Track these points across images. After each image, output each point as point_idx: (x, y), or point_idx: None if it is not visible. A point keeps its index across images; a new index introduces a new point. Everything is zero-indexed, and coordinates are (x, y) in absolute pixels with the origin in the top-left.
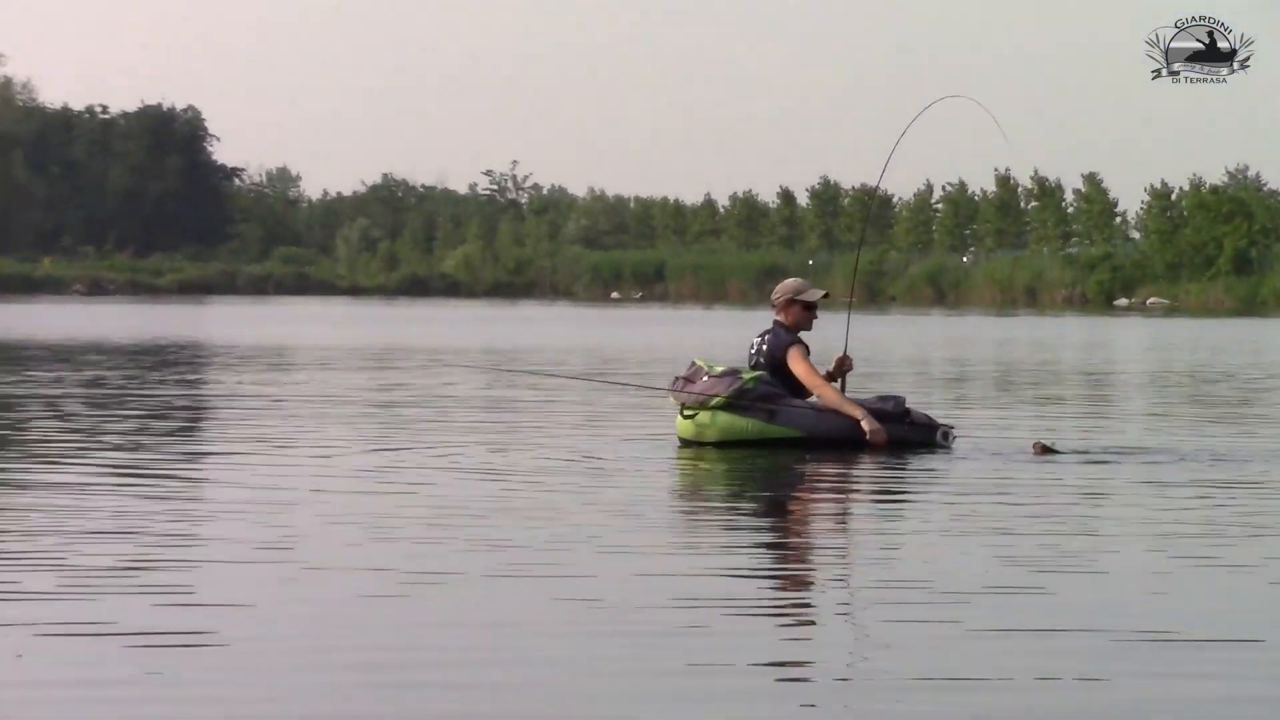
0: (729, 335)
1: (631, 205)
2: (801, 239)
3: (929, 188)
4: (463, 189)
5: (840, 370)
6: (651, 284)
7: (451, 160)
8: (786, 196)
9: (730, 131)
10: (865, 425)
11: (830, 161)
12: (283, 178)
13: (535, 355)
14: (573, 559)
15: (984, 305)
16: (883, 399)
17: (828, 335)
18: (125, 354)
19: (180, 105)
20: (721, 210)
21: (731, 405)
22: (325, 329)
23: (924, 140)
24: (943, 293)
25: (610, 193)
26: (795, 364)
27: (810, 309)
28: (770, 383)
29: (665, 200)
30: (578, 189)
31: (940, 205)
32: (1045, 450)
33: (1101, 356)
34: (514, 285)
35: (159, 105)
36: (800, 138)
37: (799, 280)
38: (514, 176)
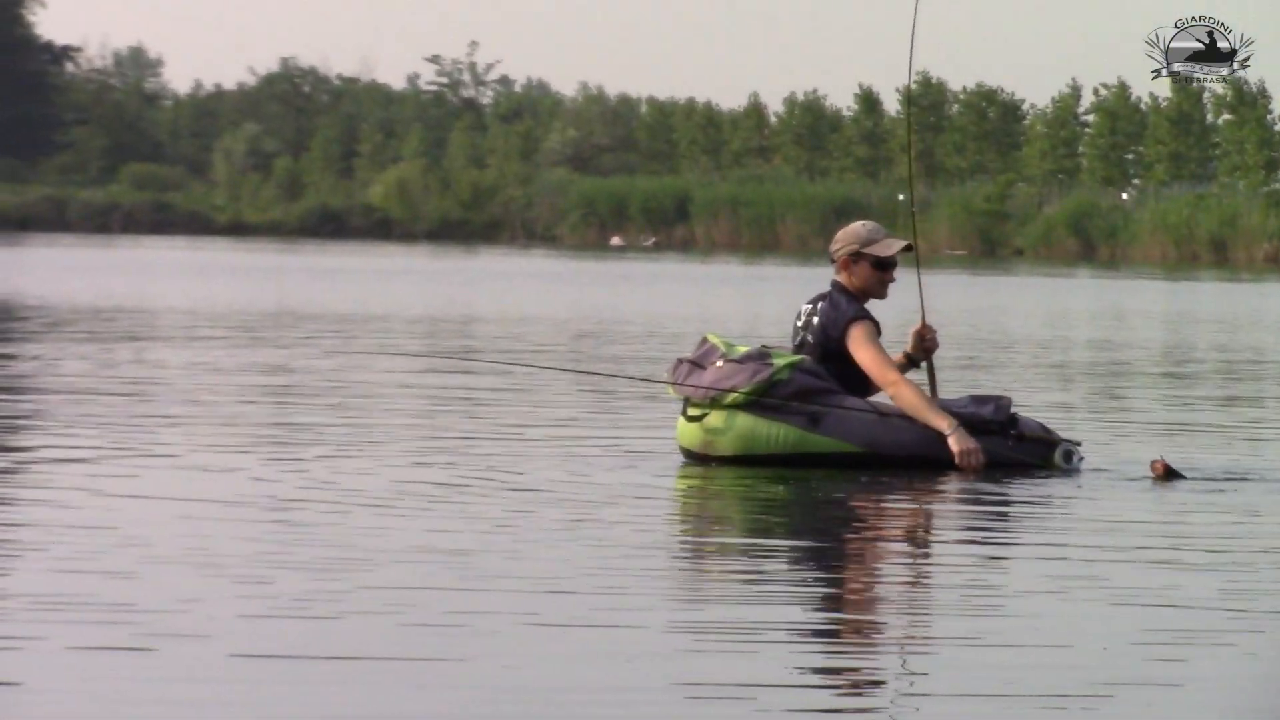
0: (779, 304)
1: (642, 110)
2: (890, 163)
3: (1075, 90)
4: (398, 83)
5: (923, 350)
6: (671, 225)
7: (381, 42)
8: (868, 100)
9: (785, 5)
10: (953, 442)
11: (931, 52)
12: (136, 63)
13: (491, 328)
14: (495, 647)
15: (1151, 263)
16: (979, 401)
17: (903, 303)
18: None
19: None
20: (774, 119)
21: (757, 404)
22: (191, 283)
23: (1064, 26)
24: (1092, 244)
25: (611, 91)
26: (859, 349)
27: (885, 267)
28: (815, 371)
29: (691, 103)
30: (564, 85)
31: (1092, 117)
32: (1168, 472)
33: None
34: (470, 224)
35: None
36: (885, 15)
37: (869, 225)
38: (472, 65)
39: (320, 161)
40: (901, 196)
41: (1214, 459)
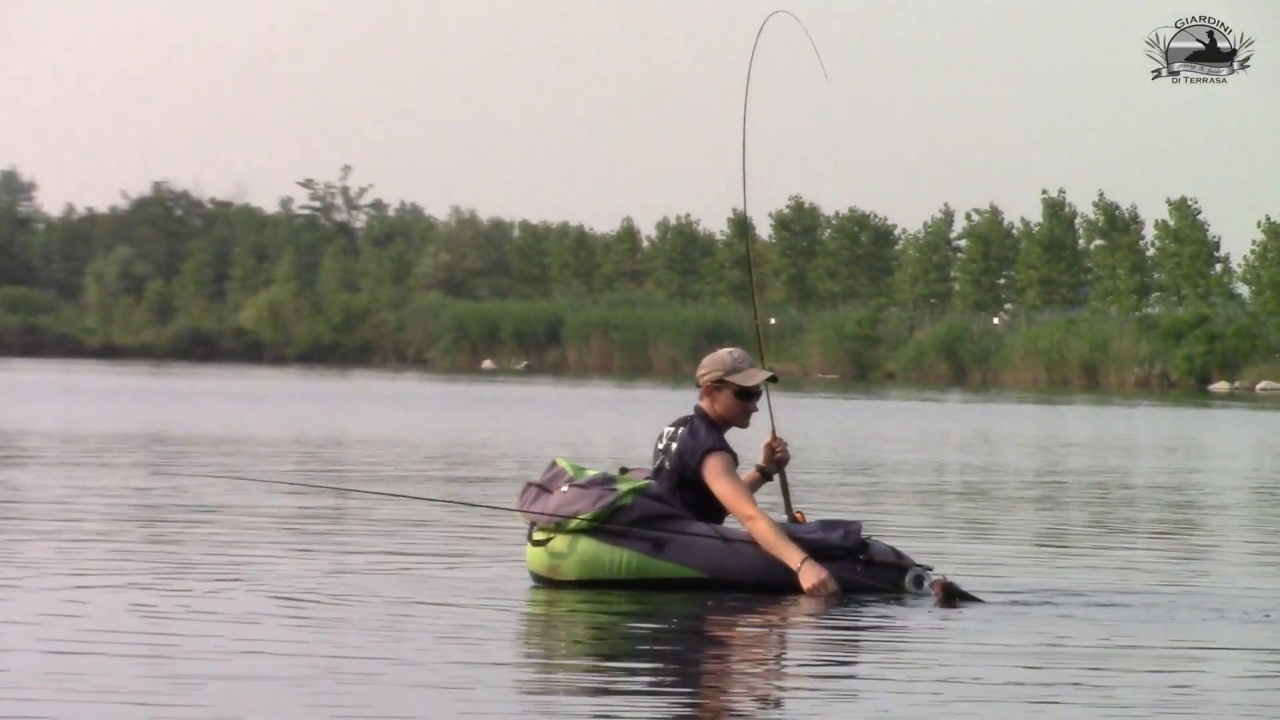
0: (650, 427)
1: (515, 233)
2: (763, 287)
3: (947, 216)
4: (270, 206)
5: (774, 462)
6: (543, 349)
7: (254, 166)
8: (740, 225)
9: (661, 127)
10: (803, 577)
11: (801, 178)
12: (9, 186)
13: (358, 452)
14: None
15: (1023, 387)
16: (829, 526)
17: (760, 420)
18: None
19: None
20: (646, 243)
21: (601, 529)
22: (60, 406)
23: (940, 151)
24: (964, 368)
25: (484, 215)
26: (715, 481)
27: (748, 396)
28: (659, 496)
29: (564, 227)
30: (437, 209)
31: (964, 242)
32: (948, 593)
33: (1188, 464)
34: (343, 347)
35: None
36: (762, 142)
37: (735, 354)
38: (345, 190)
39: (192, 285)
40: (773, 321)
41: (1081, 578)
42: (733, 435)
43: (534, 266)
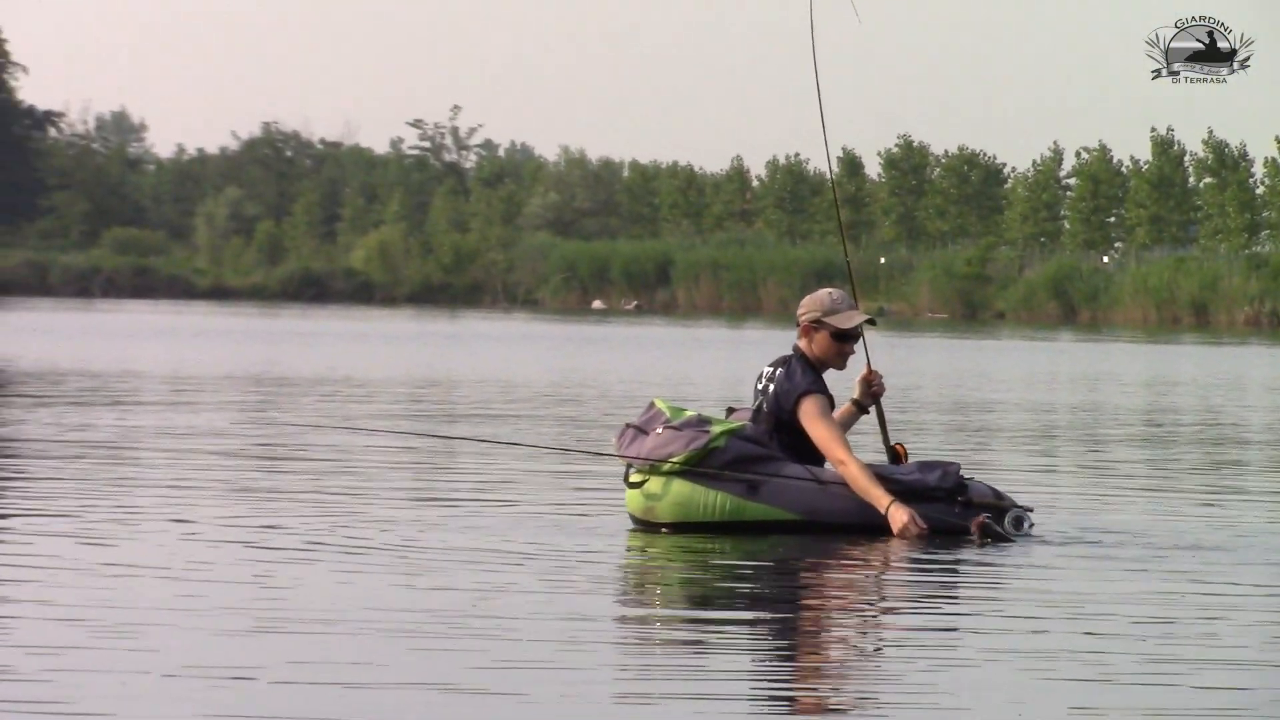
0: (759, 367)
1: (625, 173)
2: (871, 226)
3: (1057, 154)
4: (380, 147)
5: (870, 395)
6: (652, 289)
7: (364, 106)
8: (851, 163)
9: (767, 68)
10: (892, 519)
11: (914, 116)
12: (119, 127)
13: (469, 393)
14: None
15: (1132, 325)
16: (927, 467)
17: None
18: None
19: None
20: (756, 183)
21: (694, 471)
22: (169, 348)
23: (1046, 89)
24: (1074, 307)
25: (593, 155)
26: (811, 424)
27: (844, 339)
28: (753, 438)
29: (674, 167)
30: (546, 149)
31: (1073, 181)
32: (984, 531)
33: None
34: (452, 288)
35: None
36: (870, 81)
37: (834, 294)
38: (454, 130)
39: (302, 225)
40: (883, 260)
41: (1188, 523)
42: (831, 371)
43: (643, 206)
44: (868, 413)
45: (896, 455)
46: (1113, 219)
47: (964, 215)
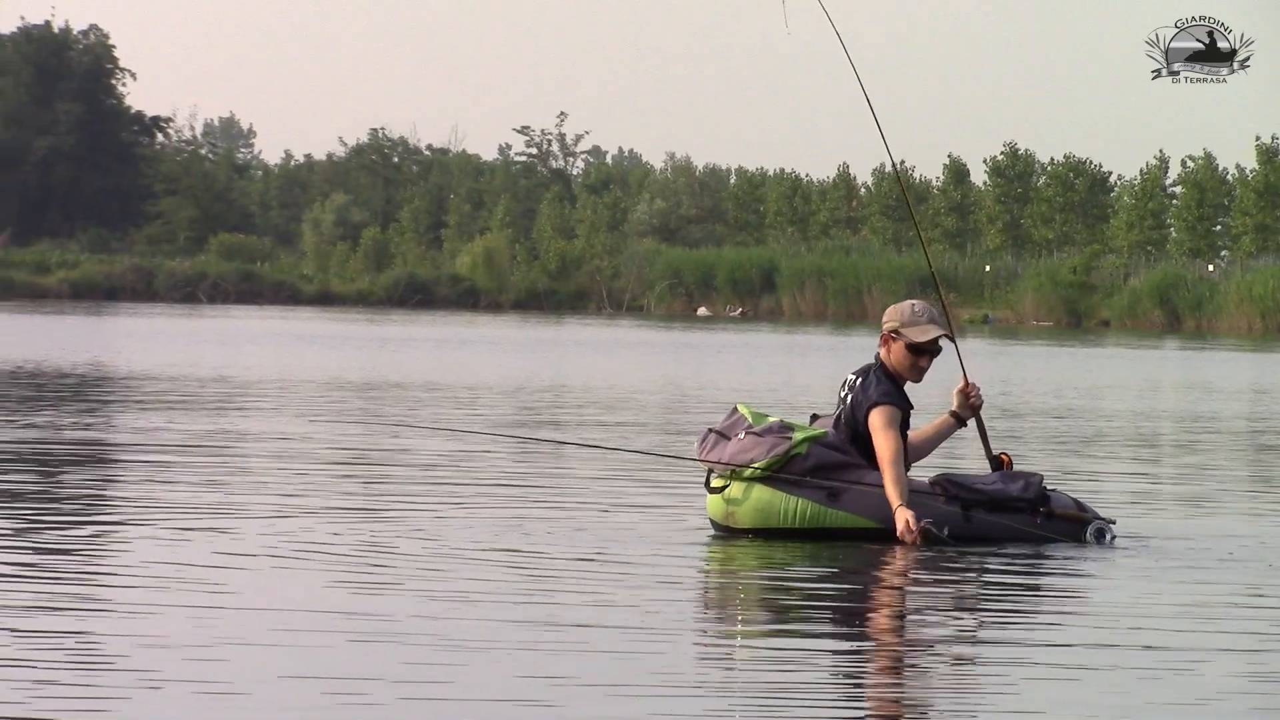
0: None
1: (731, 180)
2: (977, 234)
3: (1162, 162)
4: (487, 153)
5: (969, 407)
6: (757, 296)
7: (470, 113)
8: (957, 171)
9: (880, 74)
10: (898, 519)
11: (1018, 123)
12: (227, 133)
13: (567, 398)
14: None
15: (1238, 334)
16: (1009, 478)
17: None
18: None
19: (79, 26)
20: (862, 190)
21: (775, 477)
22: (278, 354)
23: (1152, 99)
24: (1179, 315)
25: (699, 162)
26: (875, 435)
27: (919, 352)
28: (835, 445)
29: (780, 174)
30: (652, 156)
31: (1179, 189)
32: (926, 537)
33: None
34: (557, 294)
35: (47, 25)
36: (975, 88)
37: (917, 307)
38: (561, 136)
39: (408, 231)
40: (988, 268)
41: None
42: (929, 381)
43: (749, 213)
44: (965, 424)
45: (1000, 464)
46: (1218, 227)
47: (1069, 223)
